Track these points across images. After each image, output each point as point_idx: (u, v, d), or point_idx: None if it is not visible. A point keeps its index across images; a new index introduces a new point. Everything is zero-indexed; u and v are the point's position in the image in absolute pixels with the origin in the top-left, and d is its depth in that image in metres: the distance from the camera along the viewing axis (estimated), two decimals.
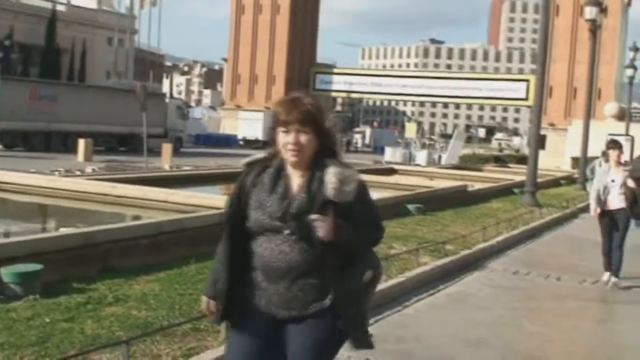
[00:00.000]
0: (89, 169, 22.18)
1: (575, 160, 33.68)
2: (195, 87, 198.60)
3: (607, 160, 10.61)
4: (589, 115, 27.99)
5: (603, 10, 29.43)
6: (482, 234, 11.78)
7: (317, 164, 2.84)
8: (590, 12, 26.42)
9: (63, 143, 37.36)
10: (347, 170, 2.84)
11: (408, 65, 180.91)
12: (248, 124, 62.57)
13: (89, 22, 69.33)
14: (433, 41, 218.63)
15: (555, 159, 46.22)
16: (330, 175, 2.78)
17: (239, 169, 3.01)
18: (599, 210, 9.47)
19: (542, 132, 47.06)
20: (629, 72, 40.99)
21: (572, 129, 43.14)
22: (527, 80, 63.00)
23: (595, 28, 26.93)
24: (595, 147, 21.32)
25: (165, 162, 29.13)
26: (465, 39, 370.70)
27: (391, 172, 27.23)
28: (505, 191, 21.03)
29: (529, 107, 48.35)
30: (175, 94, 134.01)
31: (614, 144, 9.77)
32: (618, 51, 56.28)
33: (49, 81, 46.74)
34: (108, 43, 70.29)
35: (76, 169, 21.86)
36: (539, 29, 19.99)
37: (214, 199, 11.71)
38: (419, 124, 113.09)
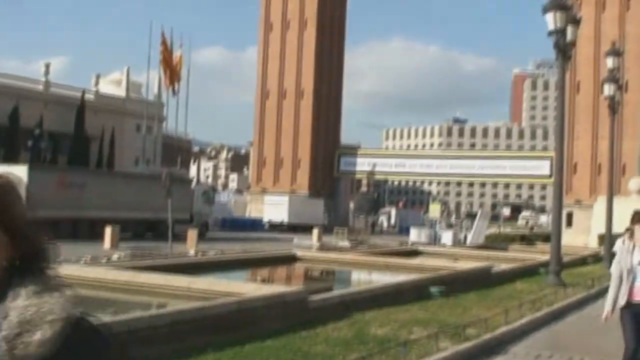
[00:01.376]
0: (114, 256, 22.42)
1: (601, 237, 33.36)
2: (222, 171, 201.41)
3: (631, 237, 8.06)
4: (611, 191, 27.91)
5: (621, 87, 29.73)
6: (505, 316, 11.64)
7: (8, 285, 1.49)
8: (608, 89, 26.69)
9: (91, 229, 37.83)
10: (49, 299, 1.44)
11: (432, 145, 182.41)
12: (273, 208, 62.95)
13: (118, 110, 71.07)
14: (456, 120, 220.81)
15: (583, 237, 45.79)
16: (13, 313, 1.43)
17: (264, 254, 2.27)
18: (611, 309, 7.54)
19: (568, 209, 46.88)
20: None
21: (598, 206, 42.90)
22: (550, 157, 62.98)
23: (613, 104, 27.15)
24: (621, 224, 21.20)
25: (191, 247, 29.32)
26: (488, 117, 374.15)
27: (415, 253, 27.18)
28: (531, 271, 20.85)
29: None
30: (202, 179, 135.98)
31: None
32: None
33: (77, 168, 47.80)
34: (136, 130, 71.77)
35: (103, 255, 22.12)
36: (557, 107, 20.23)
37: (234, 286, 11.81)
38: (445, 203, 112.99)
